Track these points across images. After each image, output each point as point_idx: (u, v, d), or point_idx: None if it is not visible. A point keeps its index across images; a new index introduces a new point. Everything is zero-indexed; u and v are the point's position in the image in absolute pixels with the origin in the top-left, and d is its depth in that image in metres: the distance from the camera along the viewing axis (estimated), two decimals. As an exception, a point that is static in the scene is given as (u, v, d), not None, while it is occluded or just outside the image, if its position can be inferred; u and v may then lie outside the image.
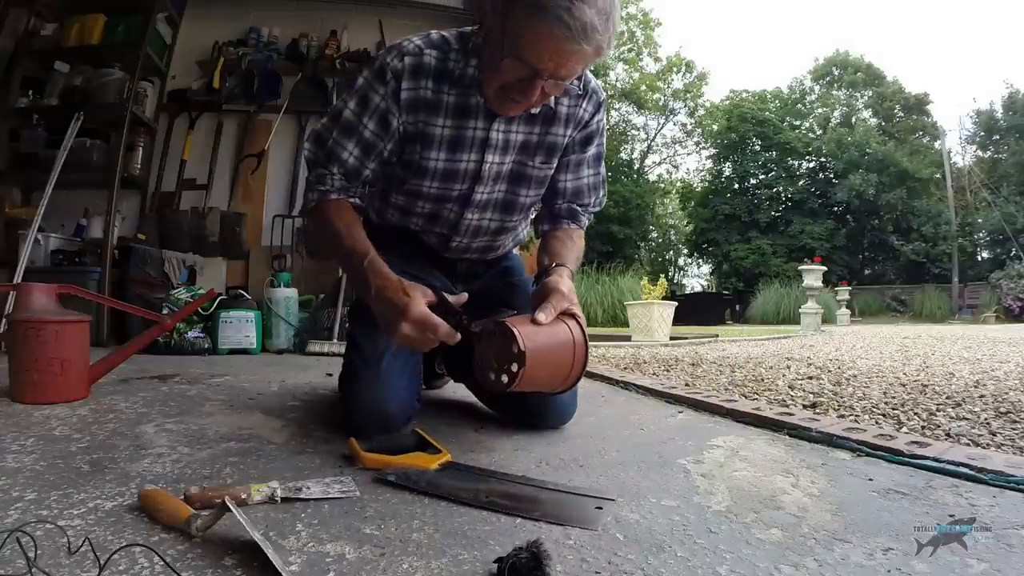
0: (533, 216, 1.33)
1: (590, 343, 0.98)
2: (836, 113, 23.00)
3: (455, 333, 0.93)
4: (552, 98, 1.06)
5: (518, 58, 0.90)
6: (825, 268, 8.17)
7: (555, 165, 1.19)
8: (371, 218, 1.28)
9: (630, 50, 22.93)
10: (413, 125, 1.08)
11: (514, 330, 0.86)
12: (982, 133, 20.75)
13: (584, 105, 1.15)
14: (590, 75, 1.13)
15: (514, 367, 0.86)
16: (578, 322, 0.96)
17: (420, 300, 0.93)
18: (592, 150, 1.22)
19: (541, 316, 0.92)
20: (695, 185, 24.74)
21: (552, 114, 1.12)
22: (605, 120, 1.23)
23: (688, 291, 19.80)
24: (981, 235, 19.04)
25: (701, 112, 24.57)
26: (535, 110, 1.08)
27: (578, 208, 1.26)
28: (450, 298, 0.98)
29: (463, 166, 1.11)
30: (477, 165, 1.11)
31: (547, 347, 0.90)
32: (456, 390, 1.61)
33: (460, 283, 1.29)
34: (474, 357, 0.95)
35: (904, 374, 2.40)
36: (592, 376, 2.15)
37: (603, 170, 1.27)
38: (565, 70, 0.91)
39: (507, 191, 1.18)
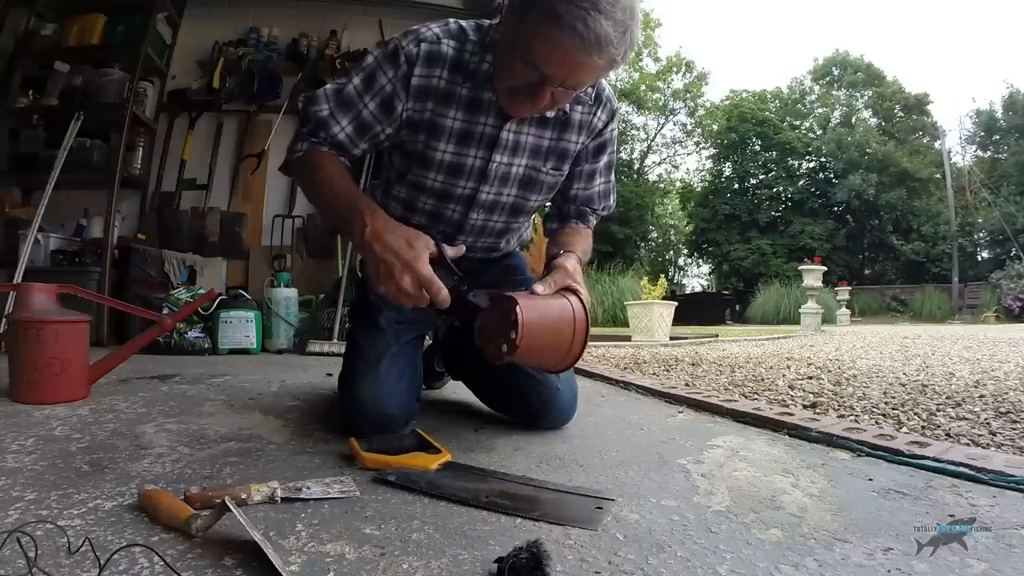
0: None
1: (592, 343, 0.98)
2: (836, 113, 22.98)
3: (448, 298, 0.90)
4: (566, 103, 1.05)
5: (529, 63, 0.89)
6: (825, 268, 8.17)
7: (566, 171, 1.18)
8: None
9: (630, 50, 22.90)
10: (420, 113, 1.05)
11: (514, 297, 0.87)
12: (982, 133, 20.75)
13: (598, 113, 1.13)
14: (604, 82, 1.11)
15: (512, 334, 0.86)
16: (579, 298, 0.96)
17: (426, 256, 0.90)
18: (605, 159, 1.22)
19: (539, 288, 0.92)
20: (695, 185, 24.75)
21: (566, 119, 1.11)
22: (617, 128, 1.22)
23: (688, 291, 19.82)
24: (981, 235, 19.02)
25: (701, 112, 24.59)
26: (549, 113, 1.07)
27: (587, 210, 1.27)
28: (448, 251, 0.95)
29: (469, 162, 1.09)
30: (484, 163, 1.09)
31: (547, 316, 0.91)
32: (456, 390, 1.61)
33: None
34: (476, 329, 0.94)
35: (904, 374, 2.40)
36: (592, 376, 2.14)
37: (613, 177, 1.28)
38: (575, 80, 0.90)
39: (517, 195, 1.17)
